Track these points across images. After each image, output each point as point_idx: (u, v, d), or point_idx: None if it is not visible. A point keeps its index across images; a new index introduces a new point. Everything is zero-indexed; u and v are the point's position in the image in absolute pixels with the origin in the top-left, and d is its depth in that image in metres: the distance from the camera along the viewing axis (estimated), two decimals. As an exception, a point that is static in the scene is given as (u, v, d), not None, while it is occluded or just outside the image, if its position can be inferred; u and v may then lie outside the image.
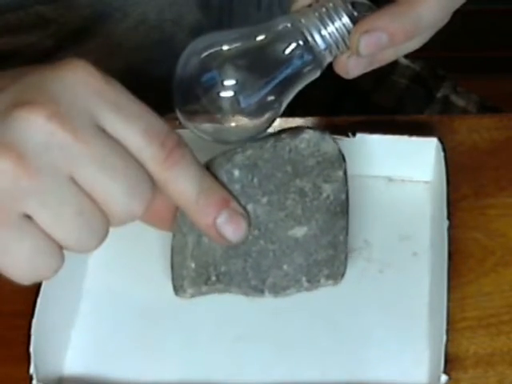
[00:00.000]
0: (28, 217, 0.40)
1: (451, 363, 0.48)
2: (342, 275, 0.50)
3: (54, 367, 0.50)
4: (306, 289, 0.50)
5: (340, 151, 0.48)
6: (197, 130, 0.47)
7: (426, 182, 0.57)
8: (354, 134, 0.55)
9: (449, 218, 0.51)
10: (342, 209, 0.49)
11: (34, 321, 0.48)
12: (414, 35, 0.47)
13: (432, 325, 0.51)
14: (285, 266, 0.49)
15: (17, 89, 0.41)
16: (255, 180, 0.47)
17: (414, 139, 0.55)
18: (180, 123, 0.57)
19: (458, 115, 0.63)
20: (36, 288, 0.49)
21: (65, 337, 0.52)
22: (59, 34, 0.63)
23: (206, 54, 0.46)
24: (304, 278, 0.50)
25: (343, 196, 0.49)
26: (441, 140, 0.55)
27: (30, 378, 0.47)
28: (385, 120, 0.60)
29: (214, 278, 0.49)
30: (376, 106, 0.75)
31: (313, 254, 0.49)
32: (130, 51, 0.66)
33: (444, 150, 0.54)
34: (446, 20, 0.49)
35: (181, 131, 0.44)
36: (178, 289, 0.50)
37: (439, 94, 0.75)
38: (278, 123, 0.60)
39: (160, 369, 0.51)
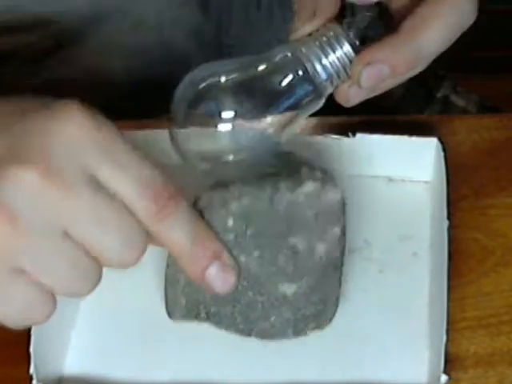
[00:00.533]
0: (20, 269, 0.39)
1: (451, 363, 0.48)
2: (331, 319, 0.50)
3: (53, 367, 0.50)
4: (292, 338, 0.50)
5: (342, 200, 0.47)
6: (194, 159, 0.47)
7: (426, 182, 0.57)
8: (354, 134, 0.55)
9: (449, 218, 0.51)
10: (335, 264, 0.48)
11: (34, 321, 0.48)
12: (415, 66, 0.47)
13: (432, 325, 0.51)
14: (272, 318, 0.49)
15: (8, 140, 0.40)
16: (249, 232, 0.46)
17: (414, 139, 0.55)
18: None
19: (458, 115, 0.63)
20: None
21: (65, 337, 0.52)
22: (59, 34, 0.63)
23: (204, 84, 0.45)
24: (290, 330, 0.49)
25: (337, 253, 0.48)
26: (441, 140, 0.55)
27: (30, 378, 0.47)
28: (385, 120, 0.60)
29: (203, 316, 0.49)
30: (376, 106, 0.75)
31: (301, 309, 0.49)
32: (129, 52, 0.66)
33: (444, 150, 0.54)
34: (446, 47, 0.48)
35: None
36: (170, 315, 0.50)
37: (439, 94, 0.75)
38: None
39: (160, 369, 0.51)
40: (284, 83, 0.45)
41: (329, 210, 0.47)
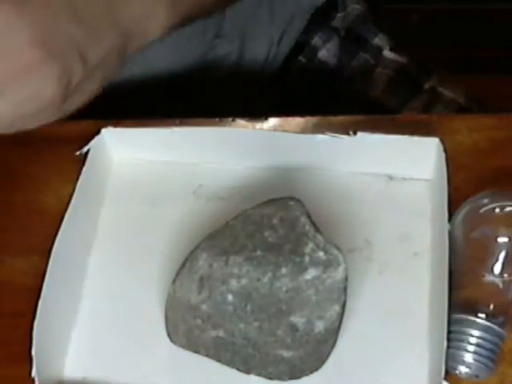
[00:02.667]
0: None
1: (452, 363, 0.48)
2: (324, 361, 0.50)
3: (54, 370, 0.50)
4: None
5: (344, 277, 0.47)
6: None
7: (427, 181, 0.57)
8: (354, 133, 0.55)
9: (449, 218, 0.51)
10: (333, 332, 0.48)
11: (36, 323, 0.47)
12: None
13: (432, 325, 0.51)
14: (270, 369, 0.49)
15: None
16: (248, 307, 0.47)
17: (415, 139, 0.55)
18: (180, 122, 0.57)
19: (458, 115, 0.63)
20: (36, 288, 0.49)
21: (65, 339, 0.52)
22: None
23: None
24: (287, 377, 0.50)
25: (336, 325, 0.48)
26: (442, 140, 0.54)
27: (32, 381, 0.47)
28: (385, 120, 0.60)
29: (203, 353, 0.50)
30: (363, 95, 0.75)
31: (298, 366, 0.49)
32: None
33: (445, 150, 0.54)
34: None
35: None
36: (171, 339, 0.51)
37: (426, 86, 0.75)
38: (278, 123, 0.60)
39: (161, 372, 0.51)
40: None
41: (329, 290, 0.46)
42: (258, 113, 0.61)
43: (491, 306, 0.48)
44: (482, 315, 0.48)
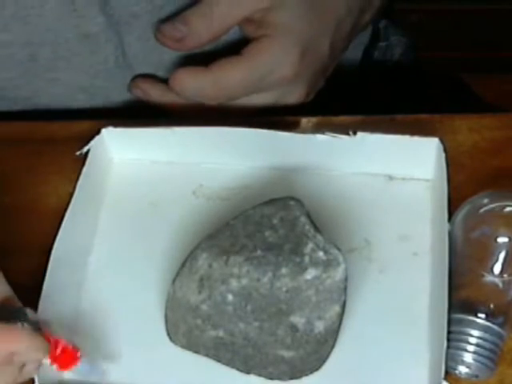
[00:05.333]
0: None
1: (451, 363, 0.48)
2: (325, 361, 0.50)
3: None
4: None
5: (344, 277, 0.47)
6: None
7: (427, 181, 0.57)
8: (354, 133, 0.55)
9: (449, 218, 0.51)
10: (333, 332, 0.48)
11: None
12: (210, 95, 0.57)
13: (432, 326, 0.51)
14: (270, 369, 0.49)
15: None
16: (248, 307, 0.47)
17: (415, 139, 0.55)
18: (180, 122, 0.57)
19: (458, 115, 0.63)
20: (36, 288, 0.49)
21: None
22: None
23: None
24: (287, 377, 0.50)
25: (336, 326, 0.48)
26: (442, 140, 0.54)
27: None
28: (385, 120, 0.60)
29: (203, 353, 0.50)
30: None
31: (298, 367, 0.49)
32: None
33: (445, 150, 0.54)
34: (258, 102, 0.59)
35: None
36: (171, 338, 0.51)
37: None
38: (279, 123, 0.60)
39: (161, 372, 0.51)
40: None
41: (329, 290, 0.46)
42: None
43: (491, 306, 0.48)
44: (482, 315, 0.48)
